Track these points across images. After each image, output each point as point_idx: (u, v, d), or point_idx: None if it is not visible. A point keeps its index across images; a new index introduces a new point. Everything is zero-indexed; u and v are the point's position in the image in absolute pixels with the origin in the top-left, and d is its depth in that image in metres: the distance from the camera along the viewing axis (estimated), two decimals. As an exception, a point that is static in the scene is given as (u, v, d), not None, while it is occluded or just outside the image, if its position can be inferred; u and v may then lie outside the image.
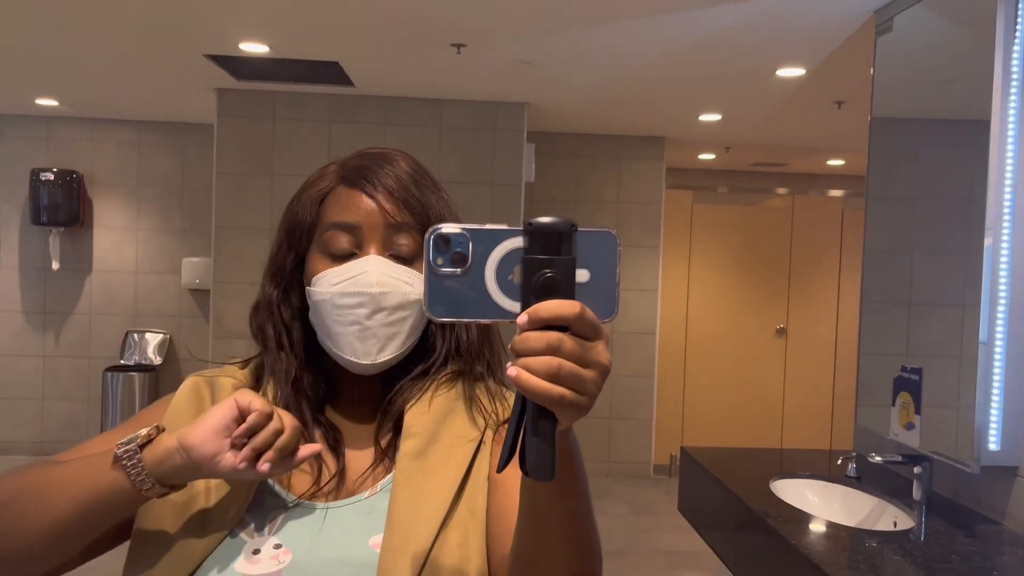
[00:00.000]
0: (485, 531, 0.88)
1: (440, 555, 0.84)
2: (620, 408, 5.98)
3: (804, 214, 6.27)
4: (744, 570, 2.12)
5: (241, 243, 4.90)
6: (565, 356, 0.60)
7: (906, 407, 2.24)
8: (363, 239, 0.92)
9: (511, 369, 0.61)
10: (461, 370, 0.98)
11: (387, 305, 0.90)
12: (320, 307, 0.92)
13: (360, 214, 0.92)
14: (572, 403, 0.61)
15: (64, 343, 6.08)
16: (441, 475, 0.89)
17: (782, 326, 6.25)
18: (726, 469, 2.39)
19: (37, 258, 6.01)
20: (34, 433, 6.06)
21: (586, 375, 0.61)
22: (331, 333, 0.92)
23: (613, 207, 5.95)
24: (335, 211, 0.93)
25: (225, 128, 4.94)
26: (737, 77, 4.14)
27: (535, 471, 0.63)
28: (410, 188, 0.94)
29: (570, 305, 0.60)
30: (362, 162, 0.96)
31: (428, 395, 0.95)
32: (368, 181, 0.93)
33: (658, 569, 4.27)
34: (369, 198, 0.92)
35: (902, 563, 1.71)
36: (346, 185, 0.94)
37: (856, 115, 4.49)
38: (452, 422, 0.93)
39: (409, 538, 0.84)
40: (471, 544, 0.86)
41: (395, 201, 0.92)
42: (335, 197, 0.95)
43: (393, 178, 0.93)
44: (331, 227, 0.93)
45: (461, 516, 0.88)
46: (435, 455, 0.90)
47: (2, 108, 5.81)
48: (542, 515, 0.75)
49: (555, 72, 4.20)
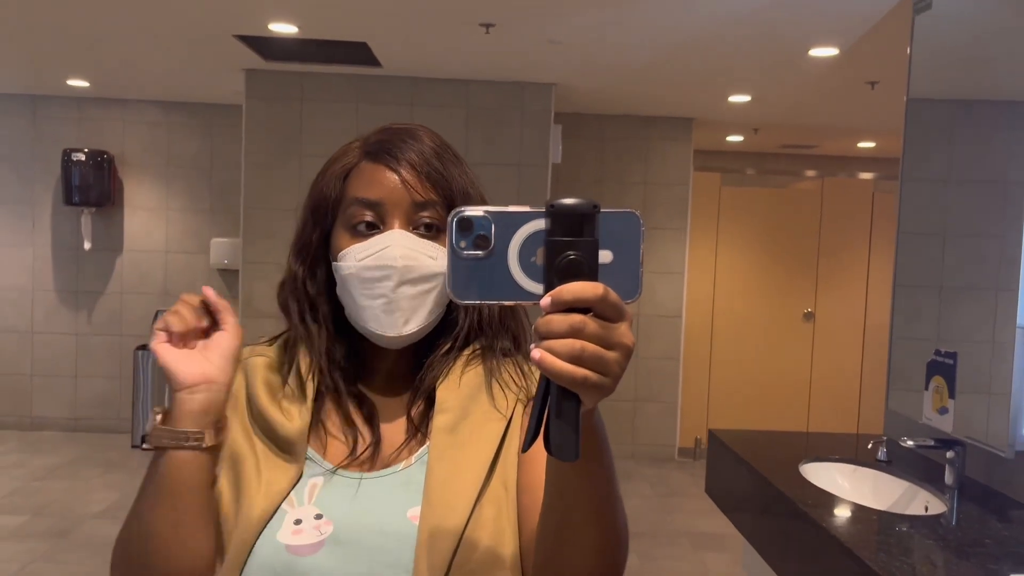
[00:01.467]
0: (517, 506, 0.89)
1: (476, 529, 0.85)
2: (645, 391, 5.98)
3: (833, 197, 6.20)
4: (773, 552, 2.11)
5: (269, 223, 4.94)
6: (588, 338, 0.60)
7: (939, 391, 2.22)
8: (386, 214, 0.93)
9: (535, 351, 0.61)
10: (487, 346, 0.99)
11: (411, 278, 0.91)
12: (347, 282, 0.93)
13: (383, 189, 0.93)
14: (595, 384, 0.61)
15: (96, 322, 6.17)
16: (474, 450, 0.90)
17: (810, 310, 6.20)
18: (755, 452, 2.39)
19: (69, 238, 6.10)
20: (68, 409, 6.18)
21: (609, 356, 0.61)
22: (358, 307, 0.93)
23: (640, 189, 5.91)
24: (359, 186, 0.94)
25: (254, 109, 4.96)
26: (768, 57, 4.09)
27: (559, 451, 0.64)
28: (433, 162, 0.94)
29: (593, 287, 0.60)
30: (385, 137, 0.96)
31: (458, 371, 0.96)
32: (391, 156, 0.94)
33: (683, 550, 4.27)
34: (392, 173, 0.93)
35: (934, 547, 1.70)
36: (369, 160, 0.95)
37: (889, 96, 4.42)
38: (482, 398, 0.94)
39: (446, 512, 0.85)
40: (505, 518, 0.88)
41: (418, 176, 0.93)
42: (358, 172, 0.95)
43: (416, 152, 0.94)
44: (355, 202, 0.94)
45: (495, 491, 0.89)
46: (467, 430, 0.91)
47: (35, 89, 5.88)
48: (567, 494, 0.76)
49: (584, 52, 4.17)
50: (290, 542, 0.85)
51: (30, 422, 6.15)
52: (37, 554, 3.86)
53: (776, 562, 2.07)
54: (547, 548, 0.81)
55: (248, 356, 0.99)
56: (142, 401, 5.79)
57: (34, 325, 6.14)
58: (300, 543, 0.85)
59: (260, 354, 0.99)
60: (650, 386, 5.98)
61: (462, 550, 0.84)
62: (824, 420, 6.11)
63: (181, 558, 0.85)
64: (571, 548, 0.79)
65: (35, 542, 4.00)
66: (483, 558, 0.85)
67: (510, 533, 0.87)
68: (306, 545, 0.85)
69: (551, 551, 0.81)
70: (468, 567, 0.84)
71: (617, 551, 0.81)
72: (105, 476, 5.10)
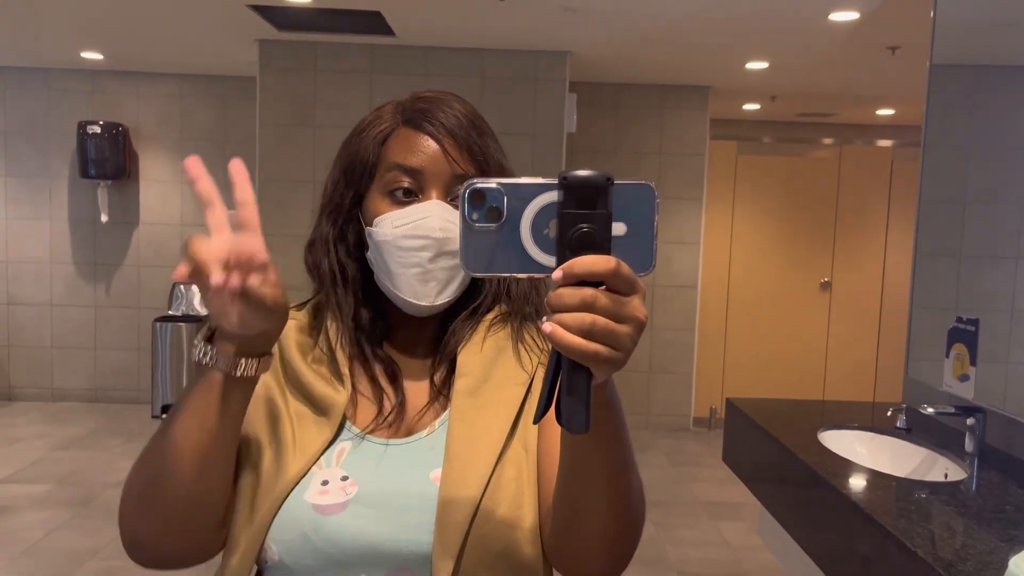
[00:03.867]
0: (537, 467, 0.90)
1: (496, 489, 0.86)
2: (660, 361, 5.98)
3: (851, 165, 6.13)
4: (791, 520, 2.12)
5: (284, 195, 4.94)
6: (599, 312, 0.60)
7: (960, 358, 2.21)
8: (426, 183, 0.93)
9: (546, 325, 0.61)
10: (511, 311, 0.99)
11: (449, 250, 0.91)
12: (382, 247, 0.93)
13: (423, 158, 0.93)
14: (606, 358, 0.61)
15: (114, 294, 6.22)
16: (494, 412, 0.91)
17: (827, 279, 6.16)
18: (773, 420, 2.39)
19: (86, 211, 6.13)
20: (88, 381, 6.25)
21: (621, 330, 0.61)
22: (391, 274, 0.93)
23: (655, 158, 5.87)
24: (398, 152, 0.94)
25: (268, 80, 4.95)
26: (787, 22, 4.02)
27: (569, 424, 0.64)
28: (471, 134, 0.95)
29: (605, 260, 0.60)
30: (424, 105, 0.96)
31: (480, 336, 0.97)
32: (431, 123, 0.94)
33: (699, 520, 4.30)
34: (433, 141, 0.93)
35: (953, 513, 1.70)
36: (410, 127, 0.95)
37: (911, 62, 4.35)
38: (503, 362, 0.95)
39: (467, 472, 0.86)
40: (525, 479, 0.89)
41: (458, 146, 0.94)
42: (398, 138, 0.95)
43: (456, 122, 0.94)
44: (394, 168, 0.94)
45: (515, 452, 0.90)
46: (488, 393, 0.92)
47: (49, 63, 5.88)
48: (581, 464, 0.77)
49: (599, 20, 4.12)
50: (317, 501, 0.86)
51: (51, 393, 6.24)
52: (60, 521, 3.93)
53: (794, 529, 2.07)
54: (563, 516, 0.82)
55: None
56: (160, 372, 5.85)
57: (53, 298, 6.20)
58: (326, 503, 0.86)
59: (291, 317, 1.00)
60: (665, 356, 5.98)
61: (482, 510, 0.85)
62: (840, 390, 6.10)
63: (197, 486, 0.81)
64: (586, 516, 0.80)
65: (59, 510, 4.07)
66: (503, 518, 0.86)
67: (530, 495, 0.88)
68: (332, 505, 0.86)
69: (567, 519, 0.82)
70: (488, 527, 0.85)
71: (633, 521, 0.82)
72: (126, 446, 5.17)
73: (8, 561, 3.51)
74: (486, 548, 0.84)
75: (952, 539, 1.56)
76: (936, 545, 1.49)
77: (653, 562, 3.73)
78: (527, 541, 0.86)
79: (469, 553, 0.83)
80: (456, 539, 0.83)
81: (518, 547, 0.86)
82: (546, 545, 0.87)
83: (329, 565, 0.85)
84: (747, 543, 3.98)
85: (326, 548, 0.85)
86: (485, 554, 0.84)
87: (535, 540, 0.87)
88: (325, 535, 0.85)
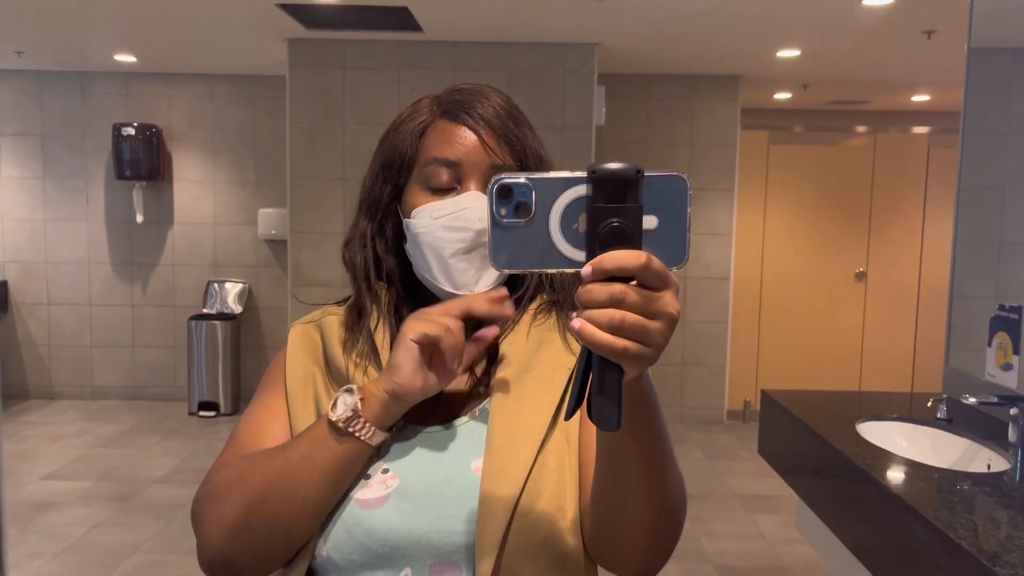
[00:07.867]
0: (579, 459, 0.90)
1: (538, 480, 0.86)
2: (693, 354, 5.94)
3: (886, 153, 6.03)
4: (830, 512, 2.09)
5: (315, 193, 4.97)
6: (629, 308, 0.59)
7: (1003, 347, 2.16)
8: (464, 174, 0.93)
9: (575, 321, 0.60)
10: (556, 300, 0.99)
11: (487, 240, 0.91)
12: (420, 239, 0.93)
13: (462, 150, 0.93)
14: (636, 355, 0.60)
15: (150, 293, 6.31)
16: (535, 402, 0.90)
17: (862, 270, 6.07)
18: (810, 412, 2.35)
19: (122, 212, 6.22)
20: (126, 378, 6.35)
21: (651, 326, 0.60)
22: (430, 265, 0.93)
23: (686, 149, 5.82)
24: (436, 145, 0.94)
25: (297, 78, 4.98)
26: (819, 8, 3.96)
27: (601, 422, 0.63)
28: (508, 124, 0.95)
29: (635, 256, 0.59)
30: (460, 97, 0.96)
31: (523, 326, 0.96)
32: (469, 115, 0.94)
33: (736, 512, 4.27)
34: (471, 132, 0.93)
35: (997, 505, 1.66)
36: (447, 119, 0.95)
37: (947, 46, 4.26)
38: (546, 352, 0.94)
39: (508, 462, 0.86)
40: (567, 469, 0.88)
41: (496, 137, 0.94)
42: (435, 130, 0.95)
43: (493, 113, 0.94)
44: (432, 161, 0.94)
45: (557, 442, 0.89)
46: (528, 383, 0.92)
47: (85, 66, 5.97)
48: (617, 459, 0.76)
49: (627, 10, 4.09)
50: (359, 496, 0.87)
51: (91, 391, 6.35)
52: (102, 518, 4.00)
53: (833, 522, 2.05)
54: (602, 510, 0.82)
55: (322, 316, 1.01)
56: (196, 370, 5.93)
57: (91, 298, 6.31)
58: (368, 497, 0.87)
59: (333, 313, 1.01)
60: (698, 349, 5.94)
61: (524, 502, 0.84)
62: (876, 382, 6.02)
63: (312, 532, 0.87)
64: (624, 511, 0.79)
65: (99, 506, 4.14)
66: (545, 509, 0.85)
67: (572, 485, 0.88)
68: (373, 499, 0.86)
69: (605, 513, 0.81)
70: (530, 518, 0.84)
71: (672, 515, 0.81)
72: (164, 443, 5.25)
73: (52, 556, 3.58)
74: (528, 539, 0.84)
75: (996, 531, 1.53)
76: (980, 537, 1.46)
77: (689, 556, 3.71)
78: (569, 531, 0.86)
79: (511, 544, 0.83)
80: (498, 531, 0.83)
81: (560, 537, 0.85)
82: (586, 537, 0.87)
83: (374, 559, 0.85)
84: (784, 536, 3.94)
85: (369, 543, 0.85)
86: (527, 544, 0.84)
87: (577, 530, 0.87)
88: (367, 530, 0.85)
